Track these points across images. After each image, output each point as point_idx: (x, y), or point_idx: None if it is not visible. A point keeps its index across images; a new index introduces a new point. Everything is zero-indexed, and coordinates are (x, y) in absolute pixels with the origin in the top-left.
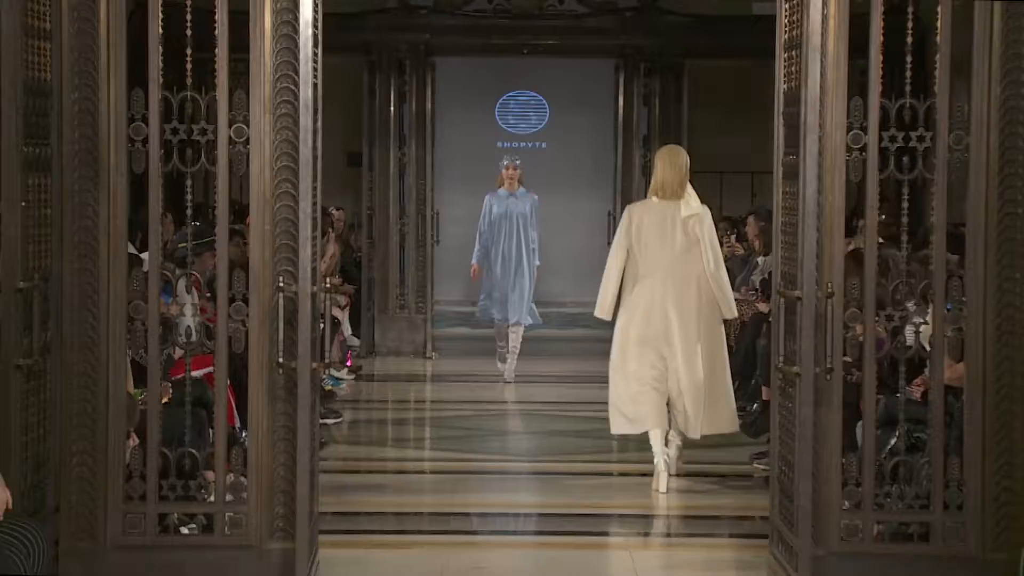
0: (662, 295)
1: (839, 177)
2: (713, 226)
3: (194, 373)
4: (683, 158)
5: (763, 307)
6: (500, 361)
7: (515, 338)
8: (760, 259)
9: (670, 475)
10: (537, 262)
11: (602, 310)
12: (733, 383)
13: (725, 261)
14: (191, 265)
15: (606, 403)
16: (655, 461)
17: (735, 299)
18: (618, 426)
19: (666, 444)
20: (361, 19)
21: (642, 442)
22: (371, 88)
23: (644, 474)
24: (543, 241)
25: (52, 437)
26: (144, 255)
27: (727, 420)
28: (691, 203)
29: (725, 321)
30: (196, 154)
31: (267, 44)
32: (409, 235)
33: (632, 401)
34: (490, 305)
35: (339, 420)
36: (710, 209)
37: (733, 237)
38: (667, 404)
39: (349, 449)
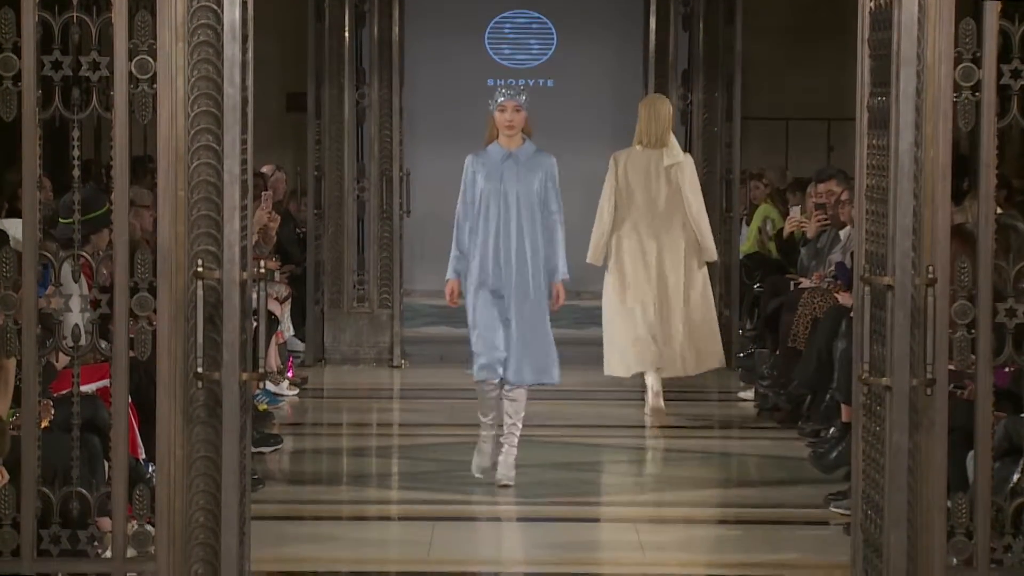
0: (649, 240)
1: (944, 125)
2: (695, 173)
3: (84, 387)
4: (667, 107)
5: (844, 299)
6: (479, 454)
7: (515, 409)
8: (844, 232)
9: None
10: (564, 274)
11: (595, 255)
12: (802, 396)
13: (802, 244)
14: (80, 244)
15: (633, 425)
16: (647, 385)
17: (805, 287)
18: (612, 368)
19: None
20: None
21: (683, 479)
22: (319, 7)
23: (687, 520)
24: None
25: None
26: (16, 228)
27: (717, 357)
28: (674, 152)
29: (790, 318)
30: (85, 95)
31: None
32: (370, 204)
33: (629, 344)
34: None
35: (278, 449)
36: (772, 166)
37: (799, 210)
38: (657, 344)
39: (291, 489)
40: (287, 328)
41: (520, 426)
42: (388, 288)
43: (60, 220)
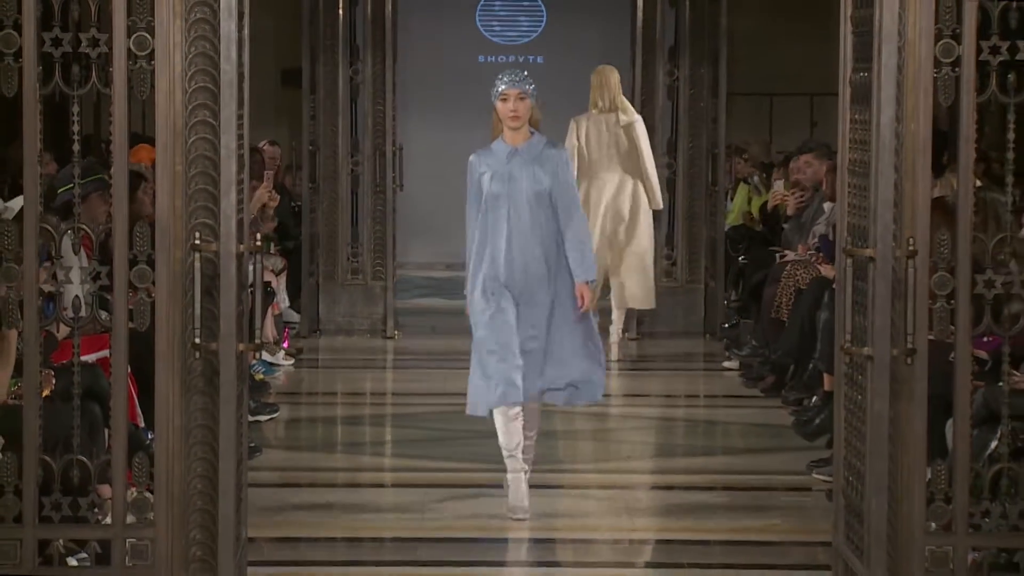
0: (607, 191)
1: (924, 100)
2: (646, 131)
3: (84, 357)
4: (615, 76)
5: (826, 271)
6: (512, 493)
7: (532, 423)
8: (828, 205)
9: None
10: (592, 276)
11: None
12: (786, 366)
13: (787, 220)
14: (79, 216)
15: (630, 394)
16: (611, 330)
17: (790, 258)
18: None
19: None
20: None
21: (669, 447)
22: None
23: (673, 487)
24: None
25: None
26: (11, 203)
27: (652, 298)
28: (628, 113)
29: (773, 289)
30: (85, 72)
31: None
32: (363, 178)
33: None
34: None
35: (274, 417)
36: (758, 141)
37: (782, 184)
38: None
39: (287, 456)
40: (283, 300)
41: (533, 445)
42: (381, 260)
43: (58, 191)
